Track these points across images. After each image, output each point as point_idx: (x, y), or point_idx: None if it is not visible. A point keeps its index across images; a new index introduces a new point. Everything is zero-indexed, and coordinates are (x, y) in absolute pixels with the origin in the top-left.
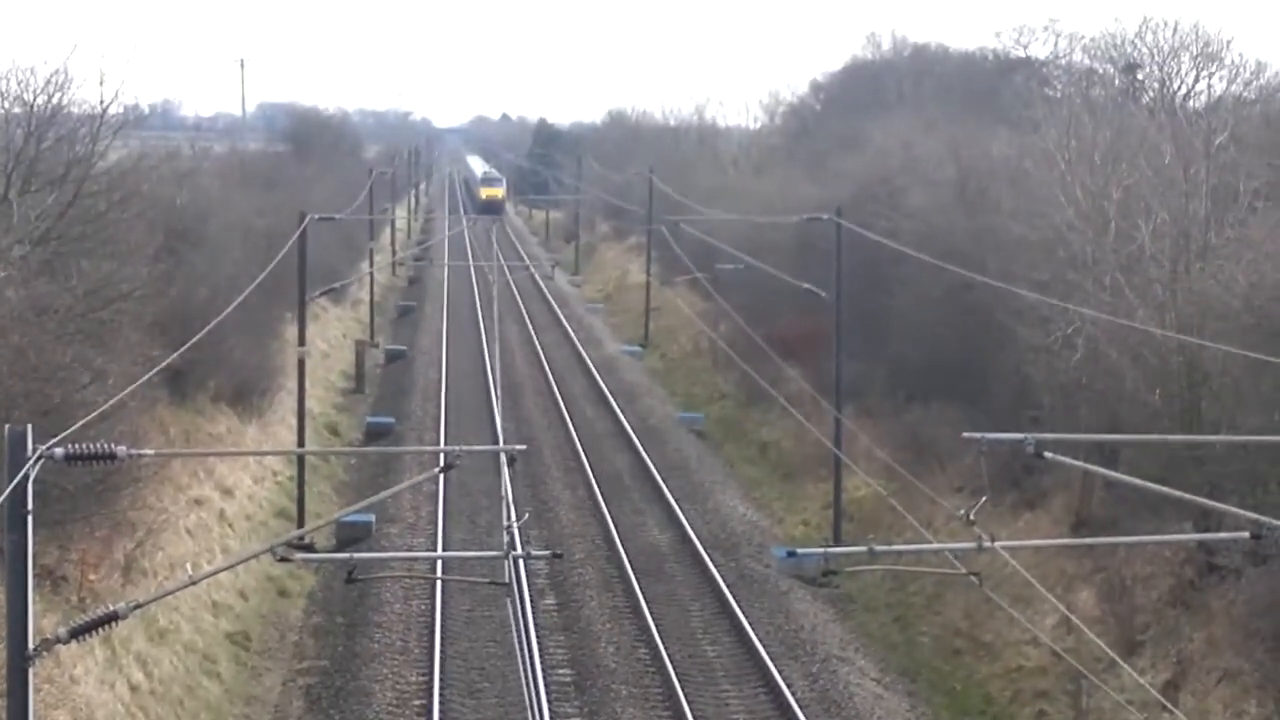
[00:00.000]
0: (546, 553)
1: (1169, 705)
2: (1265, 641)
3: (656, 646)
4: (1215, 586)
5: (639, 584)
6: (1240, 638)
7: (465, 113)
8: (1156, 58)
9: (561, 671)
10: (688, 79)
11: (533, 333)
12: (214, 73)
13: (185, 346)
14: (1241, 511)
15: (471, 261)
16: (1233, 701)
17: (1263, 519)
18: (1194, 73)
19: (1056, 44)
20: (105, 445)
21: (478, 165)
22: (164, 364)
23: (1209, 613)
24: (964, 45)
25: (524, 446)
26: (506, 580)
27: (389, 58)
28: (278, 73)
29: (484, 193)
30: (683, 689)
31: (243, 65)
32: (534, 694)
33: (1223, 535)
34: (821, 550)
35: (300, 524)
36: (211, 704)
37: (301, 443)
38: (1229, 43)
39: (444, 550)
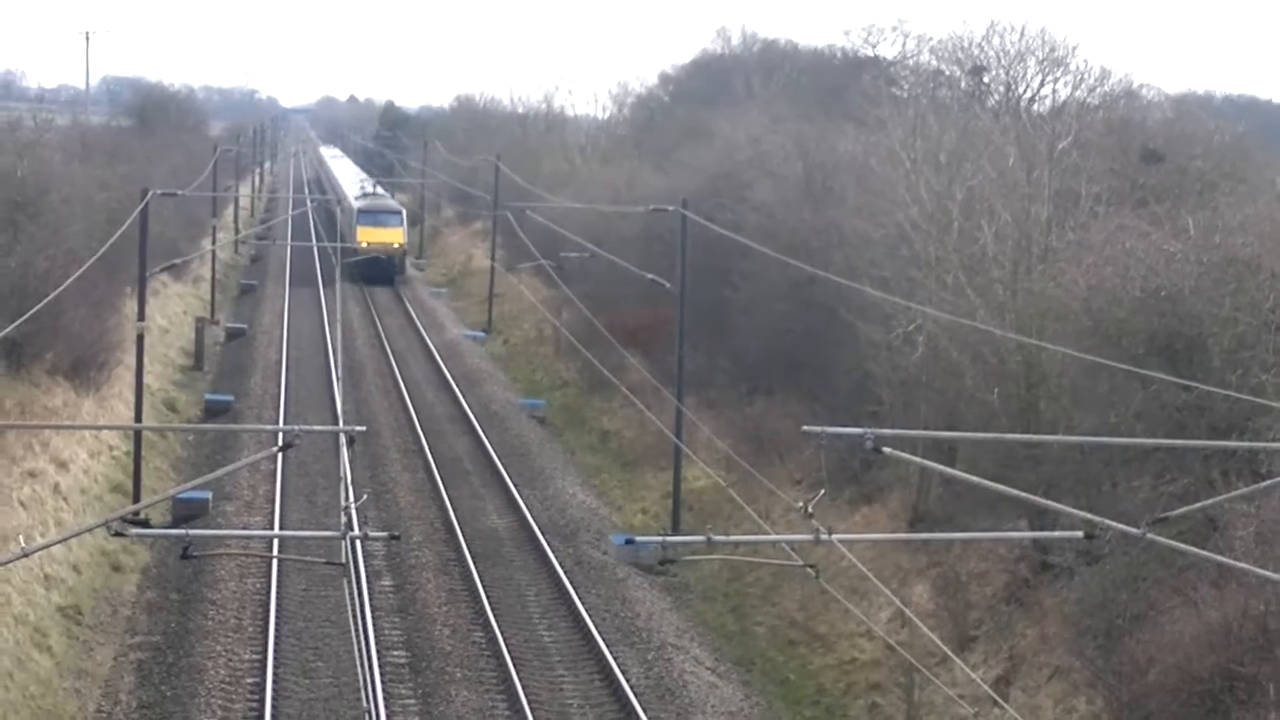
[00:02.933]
0: (384, 534)
1: (1000, 700)
2: (1096, 639)
3: (492, 630)
4: (1048, 584)
5: (476, 568)
6: (1072, 635)
7: (312, 93)
8: (1003, 61)
9: (396, 653)
10: (537, 67)
11: (375, 315)
12: (58, 45)
13: (23, 318)
14: (1075, 511)
15: (315, 242)
16: (1063, 698)
17: (1096, 519)
18: (1039, 77)
19: (904, 44)
20: None
21: (342, 169)
22: (1, 335)
23: (1041, 610)
24: (813, 42)
25: (364, 428)
26: (343, 560)
27: (237, 35)
28: (123, 46)
29: (365, 237)
30: (518, 673)
31: (88, 38)
32: (368, 675)
33: (1057, 534)
34: (659, 538)
35: (136, 499)
36: (41, 677)
37: (139, 418)
38: (1074, 48)
39: (281, 529)
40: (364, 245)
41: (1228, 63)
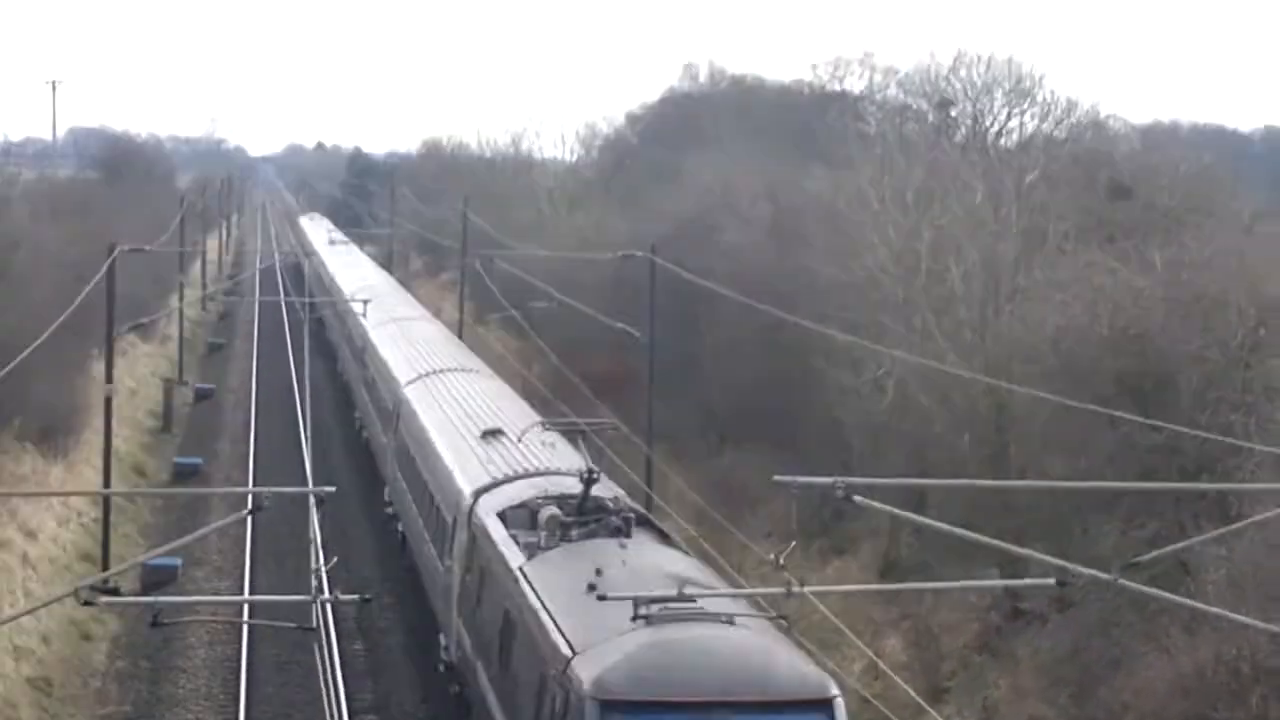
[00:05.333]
0: (355, 597)
1: None
2: (1069, 688)
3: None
4: (1021, 632)
5: None
6: (1045, 684)
7: (279, 141)
8: (970, 93)
9: (368, 717)
10: (504, 109)
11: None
12: (24, 95)
13: None
14: (1047, 558)
15: (284, 297)
16: None
17: (1067, 565)
18: (1006, 109)
19: (872, 78)
20: None
21: (396, 346)
22: None
23: (1014, 659)
24: (780, 77)
25: (333, 488)
26: (314, 625)
27: (203, 84)
28: (90, 96)
29: None
30: None
31: (54, 88)
32: None
33: (1028, 582)
34: (632, 595)
35: (105, 567)
36: None
37: (107, 484)
38: (1041, 78)
39: (251, 594)
40: None
41: (1194, 91)
